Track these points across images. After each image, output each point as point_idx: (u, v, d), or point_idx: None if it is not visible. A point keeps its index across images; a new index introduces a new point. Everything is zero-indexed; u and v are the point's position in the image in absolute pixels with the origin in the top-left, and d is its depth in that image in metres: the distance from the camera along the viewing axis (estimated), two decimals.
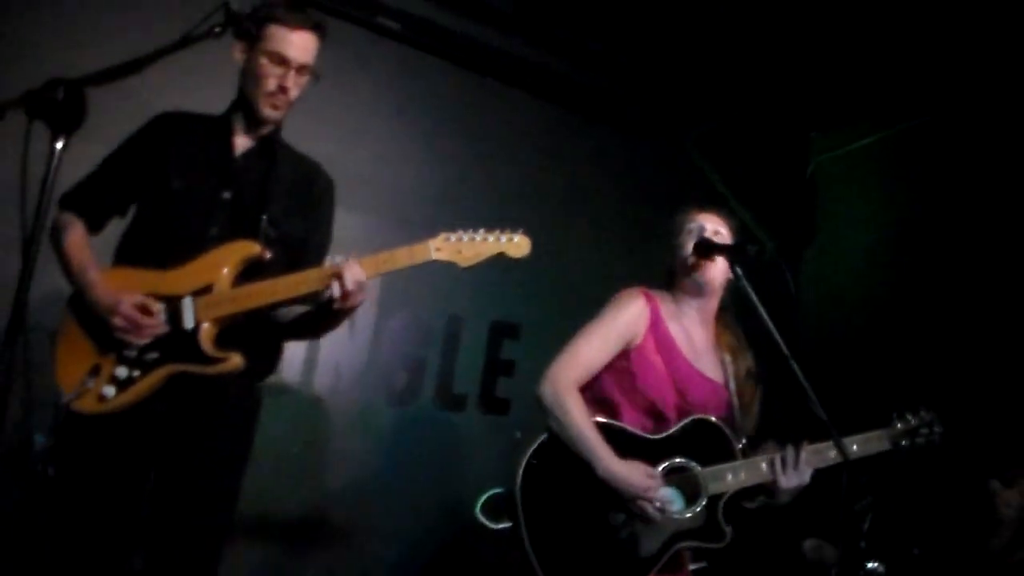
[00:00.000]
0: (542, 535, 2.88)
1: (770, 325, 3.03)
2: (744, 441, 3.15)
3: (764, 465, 3.08)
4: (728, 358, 3.31)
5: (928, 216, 5.78)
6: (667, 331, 3.20)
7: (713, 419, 3.13)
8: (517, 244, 2.81)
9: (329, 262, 2.83)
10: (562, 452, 2.95)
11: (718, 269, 3.25)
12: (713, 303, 3.36)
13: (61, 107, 1.97)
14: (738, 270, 3.11)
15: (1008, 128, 5.34)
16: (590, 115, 6.13)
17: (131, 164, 2.92)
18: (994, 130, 5.44)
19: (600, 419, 3.02)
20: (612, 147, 6.19)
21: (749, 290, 3.07)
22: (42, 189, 1.95)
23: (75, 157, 2.12)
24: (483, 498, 3.05)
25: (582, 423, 2.95)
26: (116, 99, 2.57)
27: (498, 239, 2.80)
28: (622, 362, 3.13)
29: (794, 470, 3.05)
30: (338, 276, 2.66)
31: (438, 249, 2.77)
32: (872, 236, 6.19)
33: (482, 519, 3.06)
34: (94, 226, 2.93)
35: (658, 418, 3.12)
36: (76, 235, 2.85)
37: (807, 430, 3.10)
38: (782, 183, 6.78)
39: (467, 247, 2.78)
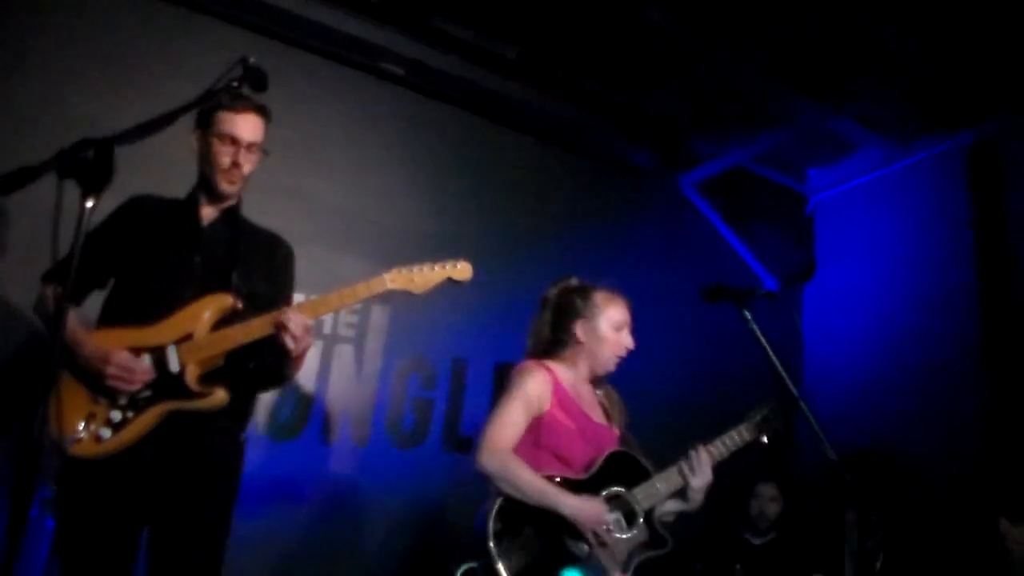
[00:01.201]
0: None
1: (780, 368, 3.17)
2: (649, 461, 3.47)
3: (675, 473, 3.42)
4: (605, 400, 3.71)
5: (925, 251, 5.83)
6: (567, 394, 3.49)
7: (624, 450, 3.48)
8: (460, 270, 3.18)
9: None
10: (518, 510, 3.18)
11: None
12: None
13: (91, 166, 2.03)
14: (747, 314, 3.22)
15: (1003, 162, 5.42)
16: (593, 157, 6.23)
17: (108, 241, 3.12)
18: (992, 164, 5.51)
19: (541, 473, 3.28)
20: (613, 188, 6.27)
21: (759, 335, 3.17)
22: (73, 247, 1.99)
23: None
24: (460, 573, 3.23)
25: (535, 478, 3.22)
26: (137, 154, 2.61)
27: (443, 267, 3.16)
28: (534, 425, 3.40)
29: (700, 470, 3.41)
30: (282, 325, 2.93)
31: (392, 280, 3.11)
32: (870, 272, 6.23)
33: None
34: (75, 299, 3.11)
35: (573, 467, 3.39)
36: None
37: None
38: (782, 221, 6.85)
39: (418, 276, 3.13)
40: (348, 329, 5.13)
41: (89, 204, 2.02)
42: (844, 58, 5.11)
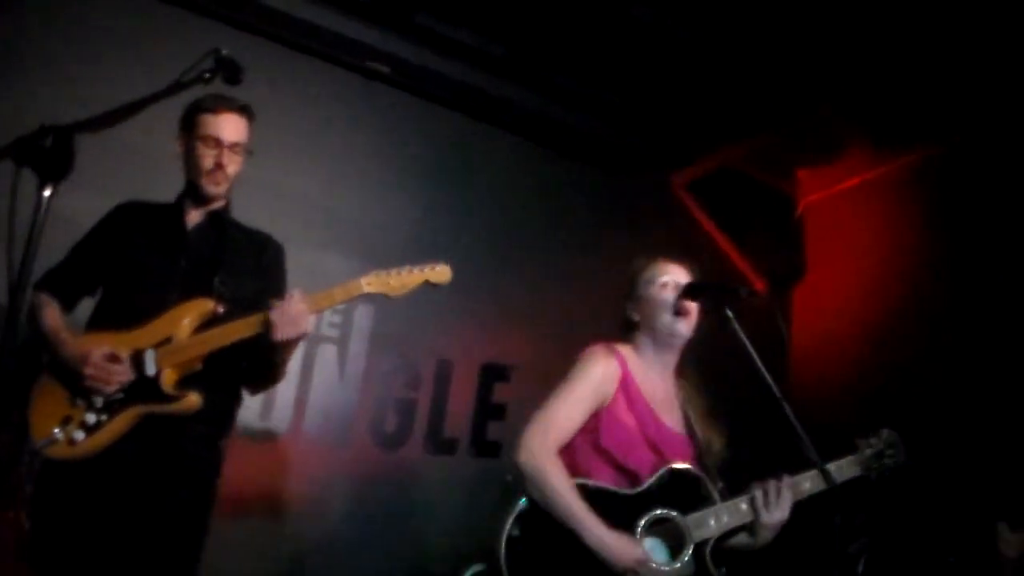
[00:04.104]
0: None
1: (761, 367, 3.04)
2: (721, 485, 3.11)
3: (744, 505, 3.04)
4: (690, 409, 3.30)
5: (915, 254, 5.81)
6: (637, 388, 3.15)
7: (687, 467, 3.10)
8: (439, 272, 3.12)
9: None
10: (544, 521, 2.88)
11: (695, 322, 3.25)
12: (678, 355, 3.34)
13: (49, 155, 2.00)
14: (729, 312, 3.10)
15: (996, 166, 5.38)
16: (579, 157, 6.19)
17: (97, 250, 3.20)
18: (979, 168, 5.48)
19: (579, 481, 2.95)
20: (602, 188, 6.24)
21: (740, 333, 3.06)
22: (29, 237, 1.94)
23: (62, 204, 2.10)
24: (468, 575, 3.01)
25: (566, 493, 2.88)
26: (104, 144, 2.56)
27: (421, 270, 3.11)
28: (593, 422, 3.08)
29: (776, 505, 3.01)
30: (267, 319, 2.93)
31: (368, 283, 3.07)
32: (860, 275, 6.21)
33: None
34: (67, 306, 3.19)
35: (631, 475, 3.05)
36: (51, 311, 3.11)
37: (778, 466, 3.10)
38: (771, 223, 6.81)
39: (394, 279, 3.08)
40: (331, 329, 5.08)
41: (47, 193, 1.97)
42: (834, 60, 5.08)
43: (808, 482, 3.09)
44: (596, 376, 3.08)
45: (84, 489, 2.89)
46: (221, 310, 3.05)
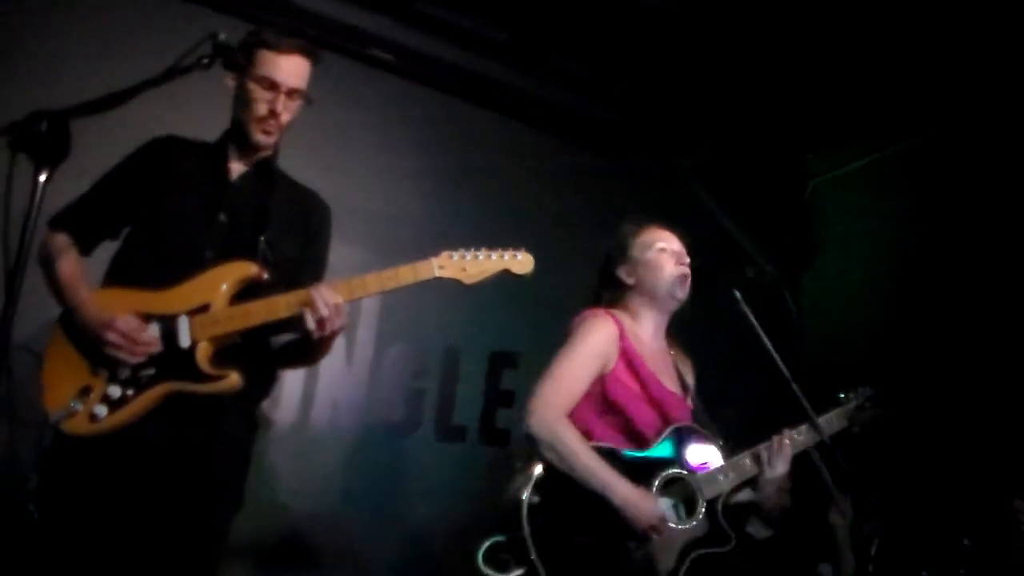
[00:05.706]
0: (561, 573, 2.82)
1: (769, 346, 3.07)
2: (722, 442, 3.17)
3: (748, 461, 3.12)
4: (683, 368, 3.38)
5: (926, 236, 5.76)
6: (636, 352, 3.17)
7: (692, 425, 3.15)
8: (521, 261, 2.80)
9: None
10: (563, 485, 2.88)
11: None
12: (669, 316, 3.39)
13: (44, 140, 1.96)
14: (737, 293, 3.12)
15: (1003, 146, 5.33)
16: (584, 143, 6.14)
17: (124, 186, 2.89)
18: (989, 148, 5.43)
19: (595, 444, 2.96)
20: (607, 174, 6.19)
21: (748, 312, 3.08)
22: (25, 222, 1.92)
23: (59, 190, 2.08)
24: (484, 547, 2.91)
25: (583, 452, 2.89)
26: (101, 130, 2.54)
27: (501, 256, 2.78)
28: (596, 387, 3.09)
29: (778, 459, 3.09)
30: (310, 304, 2.62)
31: (441, 267, 2.74)
32: (870, 257, 6.17)
33: (487, 571, 2.91)
34: (85, 248, 2.89)
35: (637, 438, 3.08)
36: (67, 255, 2.80)
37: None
38: (779, 206, 6.76)
39: (471, 265, 2.74)
40: None
41: (42, 178, 1.94)
42: (841, 42, 5.03)
43: (803, 435, 3.18)
44: (599, 340, 3.10)
45: (104, 467, 2.62)
46: (265, 276, 2.75)
